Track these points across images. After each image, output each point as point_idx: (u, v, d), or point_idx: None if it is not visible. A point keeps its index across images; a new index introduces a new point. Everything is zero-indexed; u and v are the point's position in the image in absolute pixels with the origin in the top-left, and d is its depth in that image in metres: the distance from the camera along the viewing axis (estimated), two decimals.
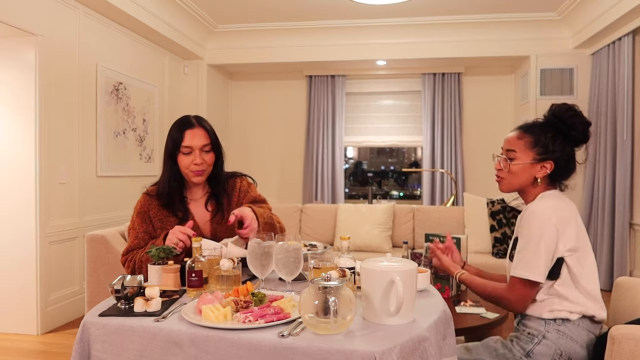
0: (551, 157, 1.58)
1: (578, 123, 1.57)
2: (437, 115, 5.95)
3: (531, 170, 1.60)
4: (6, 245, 3.48)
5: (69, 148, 3.81)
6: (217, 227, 1.87)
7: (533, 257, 1.49)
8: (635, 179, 4.49)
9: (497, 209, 4.21)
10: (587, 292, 1.51)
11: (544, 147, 1.58)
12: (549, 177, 1.61)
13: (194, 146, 1.79)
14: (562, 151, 1.58)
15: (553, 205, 1.53)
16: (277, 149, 6.44)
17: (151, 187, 1.88)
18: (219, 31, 5.62)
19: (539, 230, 1.49)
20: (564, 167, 1.60)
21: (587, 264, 1.54)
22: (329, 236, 4.52)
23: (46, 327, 3.54)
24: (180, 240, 1.64)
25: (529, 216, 1.54)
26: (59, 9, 3.68)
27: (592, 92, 4.93)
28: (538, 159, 1.59)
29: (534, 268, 1.49)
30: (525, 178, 1.61)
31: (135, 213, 1.83)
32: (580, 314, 1.51)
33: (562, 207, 1.54)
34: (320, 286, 1.15)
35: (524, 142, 1.60)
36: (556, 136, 1.58)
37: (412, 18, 5.25)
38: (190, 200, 1.88)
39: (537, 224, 1.50)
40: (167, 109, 5.35)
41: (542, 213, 1.51)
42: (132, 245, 1.79)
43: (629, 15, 4.07)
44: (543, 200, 1.56)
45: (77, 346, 1.27)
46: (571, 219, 1.53)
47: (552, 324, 1.51)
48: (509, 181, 1.64)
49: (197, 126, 1.82)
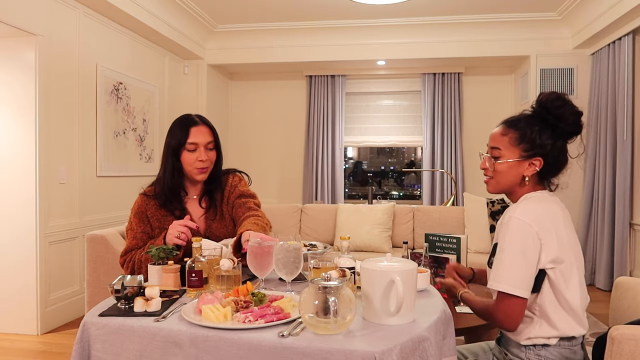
0: (539, 152, 1.44)
1: (567, 113, 1.42)
2: (437, 115, 5.95)
3: (518, 169, 1.46)
4: (6, 245, 3.48)
5: (69, 148, 3.81)
6: (212, 223, 1.88)
7: (513, 269, 1.35)
8: (635, 179, 4.49)
9: (497, 209, 4.20)
10: (569, 306, 1.39)
11: (531, 142, 1.44)
12: (537, 175, 1.47)
13: (199, 143, 1.80)
14: (552, 145, 1.44)
15: (534, 210, 1.38)
16: (277, 149, 6.44)
17: (148, 188, 1.88)
18: (219, 31, 5.62)
19: (519, 238, 1.35)
20: (554, 163, 1.46)
21: (572, 277, 1.40)
22: (329, 236, 4.52)
23: (46, 327, 3.54)
24: (181, 232, 1.64)
25: (508, 222, 1.38)
26: (59, 9, 3.68)
27: (592, 92, 4.93)
28: (525, 155, 1.44)
29: (515, 281, 1.34)
30: (513, 177, 1.47)
31: (133, 214, 1.83)
32: (557, 338, 1.40)
33: (545, 213, 1.39)
34: (320, 286, 1.15)
35: (508, 139, 1.46)
36: (544, 129, 1.44)
37: (412, 18, 5.25)
38: (187, 199, 1.89)
39: (516, 231, 1.36)
40: (167, 109, 5.35)
41: (521, 219, 1.36)
42: (130, 246, 1.79)
43: (629, 15, 4.07)
44: (524, 203, 1.42)
45: (77, 346, 1.27)
46: (554, 225, 1.38)
47: (532, 350, 1.42)
48: (497, 181, 1.49)
49: (201, 124, 1.83)
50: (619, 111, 4.50)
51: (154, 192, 1.84)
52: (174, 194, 1.83)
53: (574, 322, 1.41)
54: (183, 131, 1.80)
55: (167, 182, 1.81)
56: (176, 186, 1.83)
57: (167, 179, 1.81)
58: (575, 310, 1.40)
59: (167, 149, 1.83)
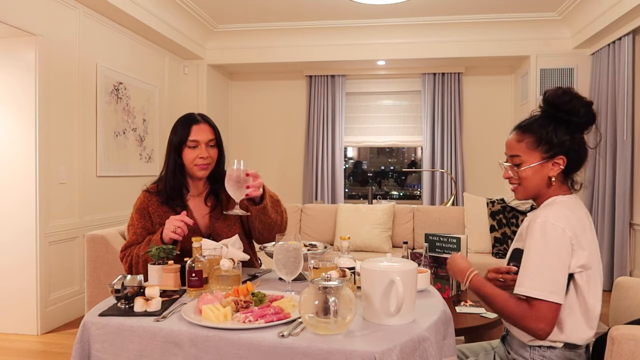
0: (560, 151, 1.42)
1: (578, 106, 1.41)
2: (437, 115, 5.95)
3: (543, 171, 1.44)
4: (6, 245, 3.48)
5: (69, 148, 3.80)
6: (216, 222, 1.89)
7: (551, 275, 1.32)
8: (635, 179, 4.49)
9: (497, 209, 4.21)
10: (590, 312, 1.38)
11: (549, 142, 1.42)
12: (562, 173, 1.46)
13: (201, 140, 1.84)
14: (571, 141, 1.42)
15: (566, 215, 1.36)
16: (277, 149, 6.44)
17: (151, 185, 1.91)
18: (219, 31, 5.62)
19: (555, 243, 1.33)
20: (576, 158, 1.45)
21: (596, 283, 1.39)
22: (329, 236, 4.52)
23: (46, 327, 3.54)
24: (177, 227, 1.65)
25: (542, 227, 1.35)
26: (59, 9, 3.68)
27: (592, 92, 4.93)
28: (546, 157, 1.43)
29: (554, 287, 1.31)
30: (539, 180, 1.45)
31: (135, 210, 1.86)
32: (564, 342, 1.39)
33: (576, 218, 1.38)
34: (321, 286, 1.15)
35: (525, 144, 1.45)
36: (558, 127, 1.42)
37: (412, 18, 5.25)
38: (189, 197, 1.92)
39: (552, 236, 1.33)
40: (167, 109, 5.35)
41: (556, 224, 1.34)
42: (130, 241, 1.82)
43: (629, 15, 4.07)
44: (556, 208, 1.39)
45: (77, 346, 1.27)
46: (583, 231, 1.38)
47: (536, 350, 1.42)
48: (524, 187, 1.47)
49: (202, 122, 1.87)
50: (619, 111, 4.50)
51: (157, 189, 1.88)
52: (176, 191, 1.87)
53: (587, 327, 1.39)
54: (185, 129, 1.85)
55: (169, 179, 1.85)
56: (178, 183, 1.87)
57: (169, 175, 1.86)
58: (595, 316, 1.39)
59: (170, 146, 1.87)
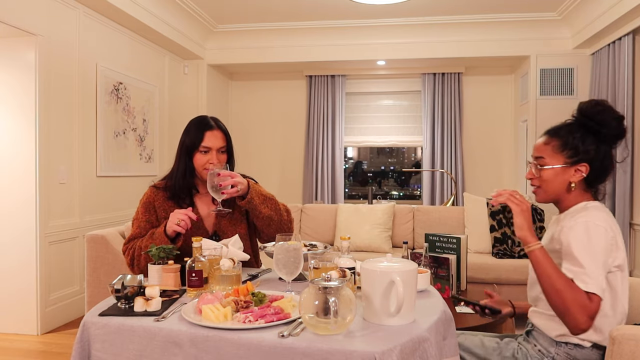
0: (584, 158, 1.46)
1: (609, 118, 1.46)
2: (437, 115, 5.95)
3: (564, 175, 1.48)
4: (6, 245, 3.48)
5: (69, 148, 3.80)
6: (221, 220, 1.93)
7: (597, 272, 1.34)
8: (635, 179, 4.49)
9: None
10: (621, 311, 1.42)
11: (574, 148, 1.46)
12: (585, 182, 1.49)
13: (212, 147, 1.88)
14: (596, 150, 1.46)
15: (605, 217, 1.41)
16: (277, 149, 6.44)
17: (159, 182, 1.96)
18: (219, 31, 5.61)
19: (600, 241, 1.37)
20: (600, 168, 1.48)
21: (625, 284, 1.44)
22: (329, 236, 4.52)
23: (46, 327, 3.54)
24: (181, 220, 1.68)
25: (585, 227, 1.38)
26: (59, 9, 3.67)
27: (592, 92, 4.93)
28: (569, 162, 1.47)
29: (602, 283, 1.34)
30: (559, 184, 1.49)
31: (140, 204, 1.90)
32: (591, 343, 1.41)
33: (613, 221, 1.44)
34: (321, 286, 1.15)
35: (551, 147, 1.50)
36: (585, 135, 1.47)
37: (412, 18, 5.25)
38: (197, 195, 1.96)
39: (597, 234, 1.37)
40: (167, 109, 5.35)
41: (599, 224, 1.38)
42: (134, 235, 1.85)
43: (629, 15, 4.07)
44: (593, 211, 1.43)
45: (77, 346, 1.27)
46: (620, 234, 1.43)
47: (562, 347, 1.44)
48: (544, 189, 1.52)
49: (216, 128, 1.91)
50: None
51: (165, 185, 1.92)
52: (185, 191, 1.91)
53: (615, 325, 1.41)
54: (198, 134, 1.88)
55: (179, 180, 1.90)
56: (187, 184, 1.91)
57: (179, 176, 1.90)
58: (624, 312, 1.43)
59: (182, 147, 1.91)
